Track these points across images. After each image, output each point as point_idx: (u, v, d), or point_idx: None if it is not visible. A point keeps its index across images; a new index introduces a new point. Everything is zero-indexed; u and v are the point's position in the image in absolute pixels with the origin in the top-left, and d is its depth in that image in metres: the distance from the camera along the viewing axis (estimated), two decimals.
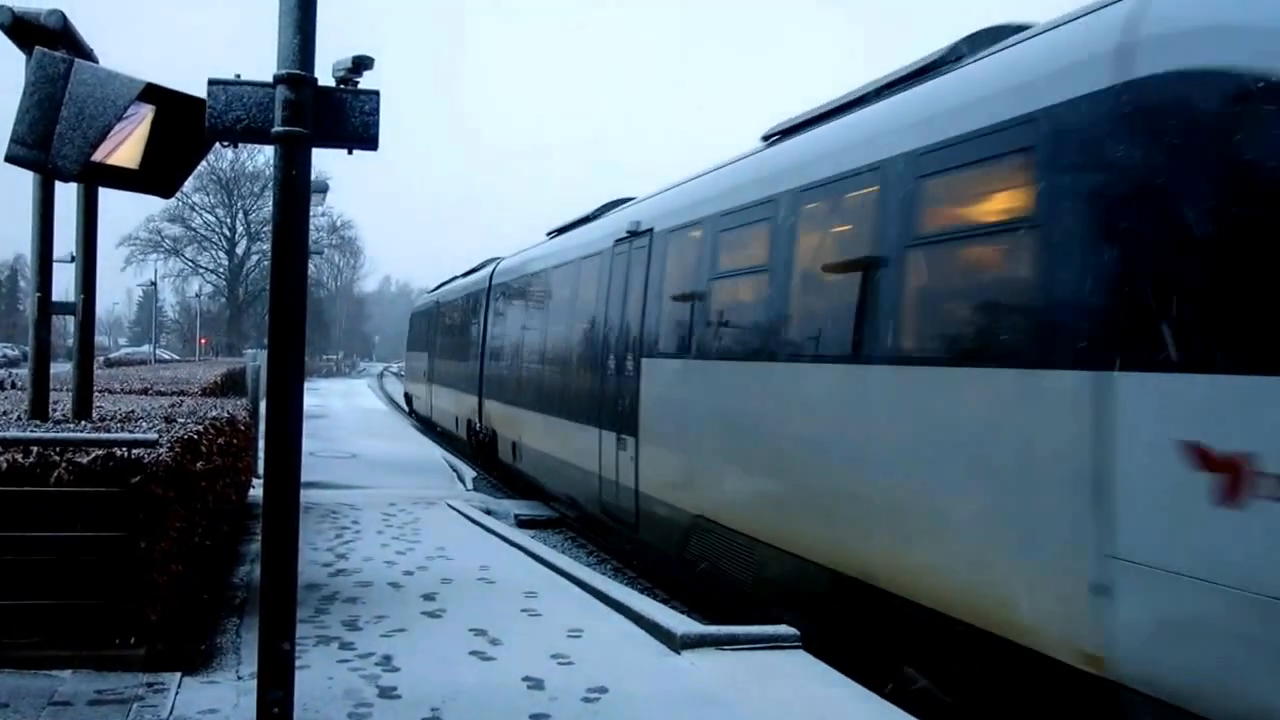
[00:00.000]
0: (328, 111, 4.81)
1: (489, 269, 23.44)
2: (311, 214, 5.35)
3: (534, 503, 17.87)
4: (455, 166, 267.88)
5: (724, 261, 10.41)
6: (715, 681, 6.65)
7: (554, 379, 16.09)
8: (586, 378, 14.13)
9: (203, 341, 73.70)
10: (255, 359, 17.26)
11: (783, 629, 7.60)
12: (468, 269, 28.58)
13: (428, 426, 31.95)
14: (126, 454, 6.36)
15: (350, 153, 5.04)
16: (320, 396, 43.03)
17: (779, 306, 9.15)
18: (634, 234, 12.87)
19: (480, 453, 22.78)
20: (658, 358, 11.64)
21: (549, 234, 19.70)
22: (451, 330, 28.04)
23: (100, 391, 11.63)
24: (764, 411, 9.09)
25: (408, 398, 40.97)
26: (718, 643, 7.36)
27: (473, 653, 7.11)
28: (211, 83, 4.80)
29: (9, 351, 64.65)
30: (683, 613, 9.14)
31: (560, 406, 15.44)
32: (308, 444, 5.46)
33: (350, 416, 33.72)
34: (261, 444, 11.05)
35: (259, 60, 4.87)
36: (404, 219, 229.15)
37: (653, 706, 6.17)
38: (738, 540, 9.49)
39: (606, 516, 13.24)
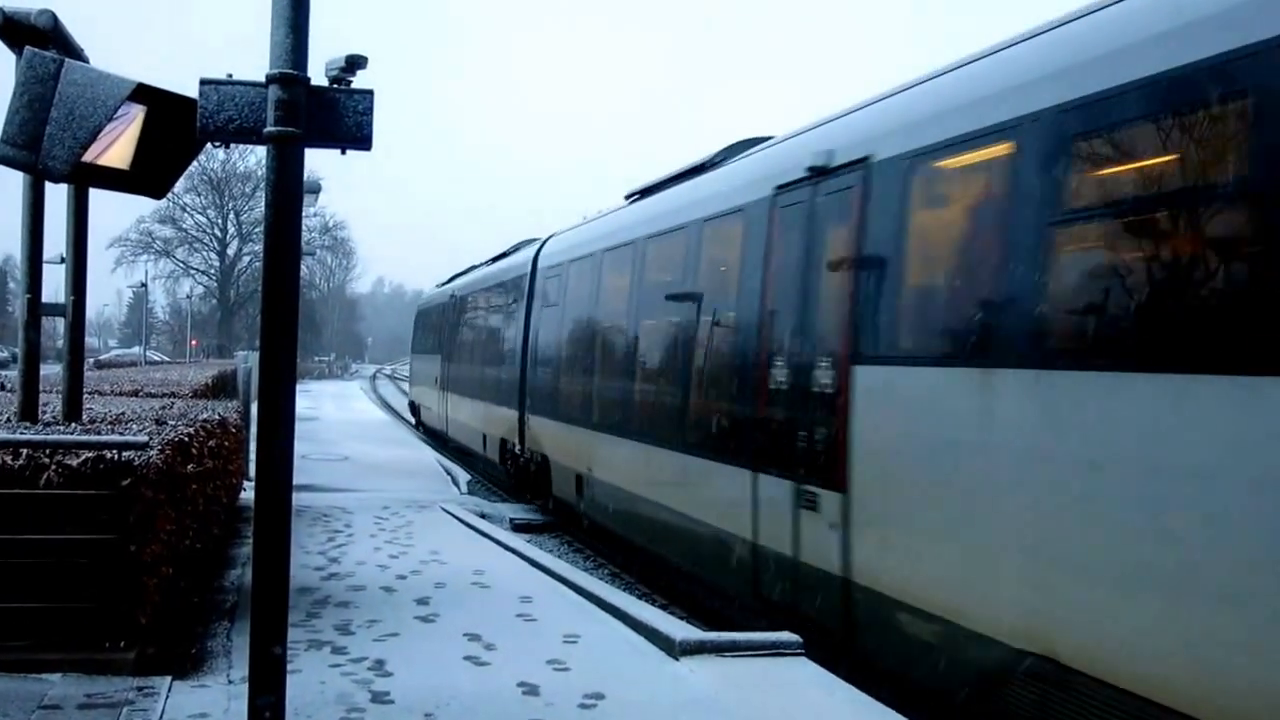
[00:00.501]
0: (321, 111, 4.80)
1: (530, 251, 18.71)
2: (304, 214, 5.30)
3: (528, 505, 17.72)
4: (451, 166, 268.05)
5: (1097, 184, 5.92)
6: (714, 688, 6.57)
7: (658, 391, 11.53)
8: (726, 392, 9.77)
9: (193, 343, 73.59)
10: (246, 360, 17.19)
11: (785, 635, 7.37)
12: (495, 254, 23.38)
13: (439, 441, 27.71)
14: (117, 456, 6.30)
15: (344, 153, 5.02)
16: (312, 399, 42.89)
17: None
18: (823, 171, 8.41)
19: (522, 482, 18.21)
20: (894, 365, 7.29)
21: (629, 196, 14.75)
22: (475, 328, 23.16)
23: (90, 393, 11.54)
24: None
25: (414, 408, 35.58)
26: (718, 649, 7.22)
27: (467, 658, 7.03)
28: (203, 82, 4.78)
29: None
30: (682, 619, 9.09)
31: (671, 432, 10.88)
32: (299, 447, 5.42)
33: (343, 419, 33.61)
34: (253, 446, 10.97)
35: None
36: (398, 219, 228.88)
37: (650, 713, 6.11)
38: None
39: (770, 608, 8.80)
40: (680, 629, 7.62)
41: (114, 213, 71.26)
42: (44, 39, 6.21)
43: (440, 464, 21.20)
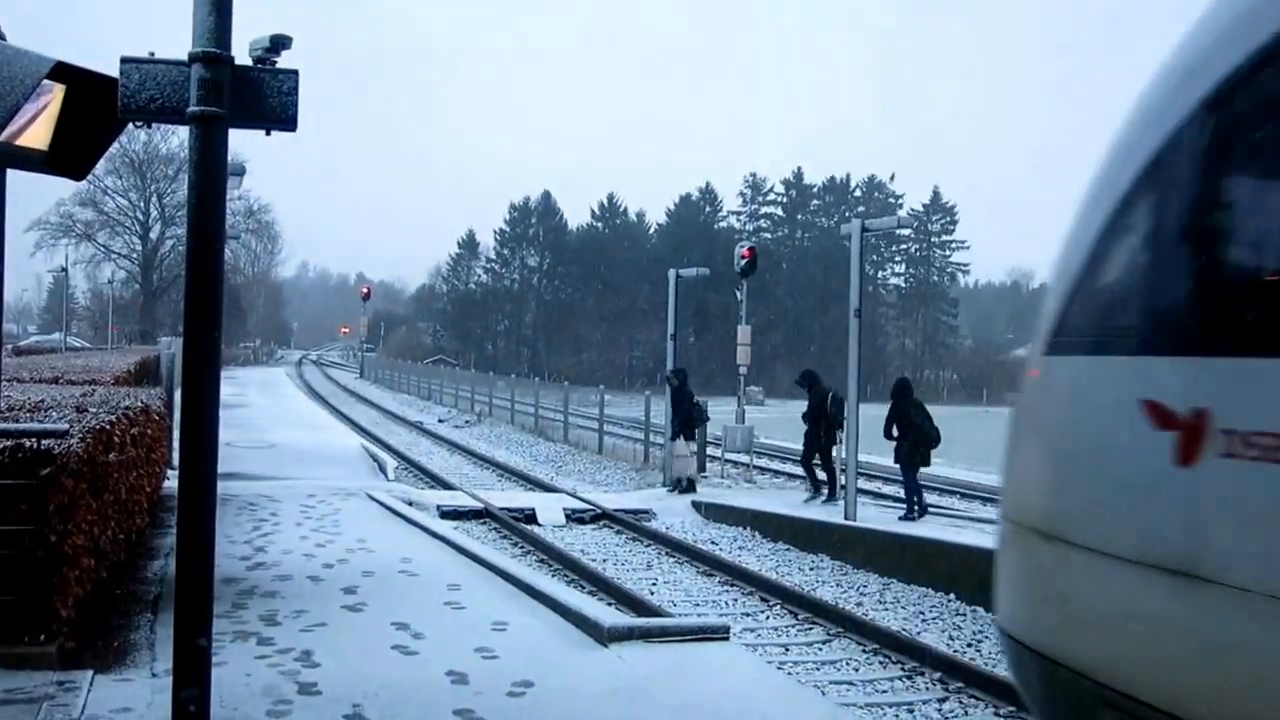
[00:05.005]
0: (245, 91, 4.71)
1: None
2: (228, 197, 5.21)
3: (456, 493, 17.59)
4: (376, 154, 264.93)
5: None
6: (642, 674, 6.59)
7: None
8: None
9: (115, 329, 71.50)
10: (170, 347, 16.88)
11: (712, 620, 7.52)
12: None
13: None
14: (36, 445, 6.13)
15: (268, 134, 4.95)
16: (238, 386, 42.18)
17: None
18: None
19: None
20: None
21: None
22: None
23: (9, 380, 11.24)
24: None
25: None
26: (646, 635, 7.25)
27: (395, 647, 6.98)
28: (124, 61, 4.67)
29: None
30: (610, 605, 9.12)
31: None
32: (225, 434, 5.30)
33: (269, 406, 33.13)
34: (177, 434, 10.75)
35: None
36: (322, 203, 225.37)
37: (578, 700, 6.12)
38: None
39: None
40: (609, 615, 7.66)
41: (33, 195, 68.93)
42: None
43: (367, 450, 21.04)
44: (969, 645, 10.04)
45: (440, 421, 37.55)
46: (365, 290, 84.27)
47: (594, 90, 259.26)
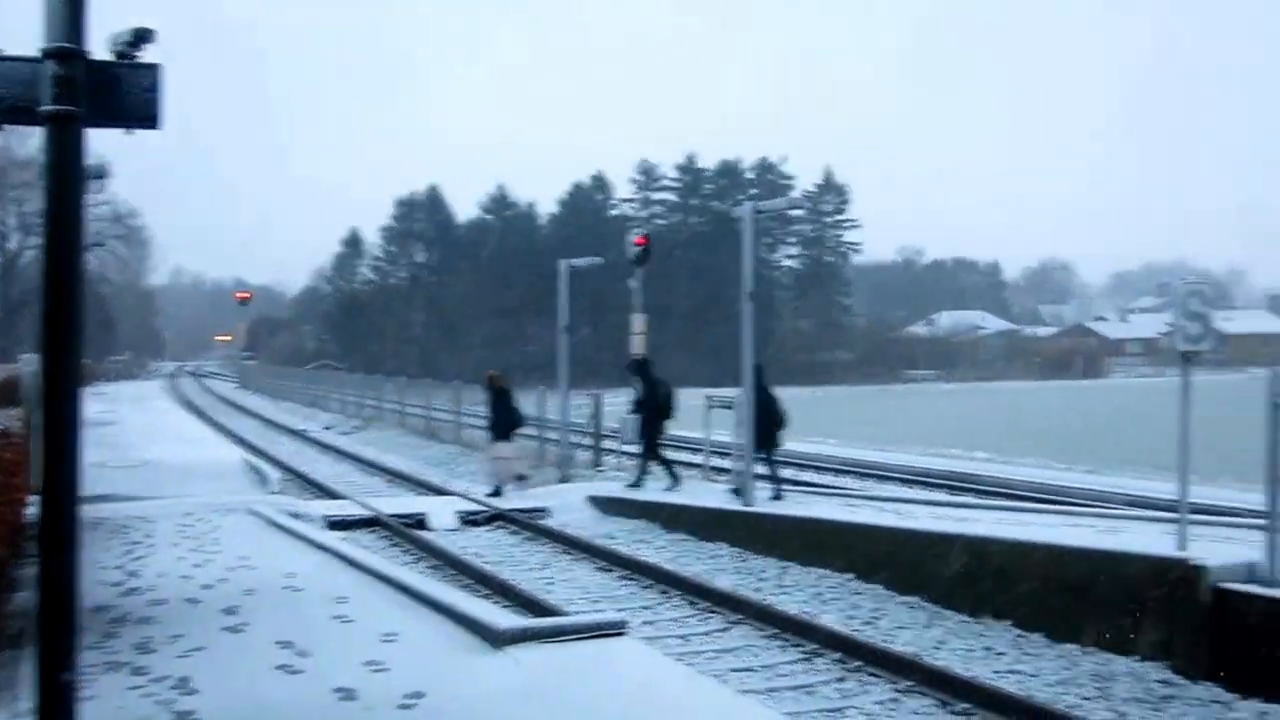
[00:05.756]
0: (103, 88, 4.55)
1: None
2: (91, 202, 4.96)
3: (344, 502, 17.24)
4: (256, 154, 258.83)
5: None
6: (538, 676, 6.48)
7: None
8: None
9: None
10: (31, 364, 16.15)
11: (609, 616, 7.43)
12: None
13: None
14: None
15: (129, 133, 4.79)
16: (108, 402, 40.69)
17: None
18: None
19: None
20: None
21: None
22: None
23: None
24: None
25: None
26: (541, 636, 7.13)
27: (279, 667, 6.73)
28: None
29: None
30: (507, 608, 9.00)
31: None
32: (95, 454, 5.07)
33: (142, 422, 32.02)
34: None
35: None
36: (196, 205, 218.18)
37: (473, 707, 5.99)
38: None
39: None
40: (504, 618, 7.54)
41: None
42: None
43: (249, 463, 20.49)
44: (866, 624, 10.17)
45: (326, 429, 36.74)
46: (245, 295, 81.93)
47: (481, 83, 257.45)
